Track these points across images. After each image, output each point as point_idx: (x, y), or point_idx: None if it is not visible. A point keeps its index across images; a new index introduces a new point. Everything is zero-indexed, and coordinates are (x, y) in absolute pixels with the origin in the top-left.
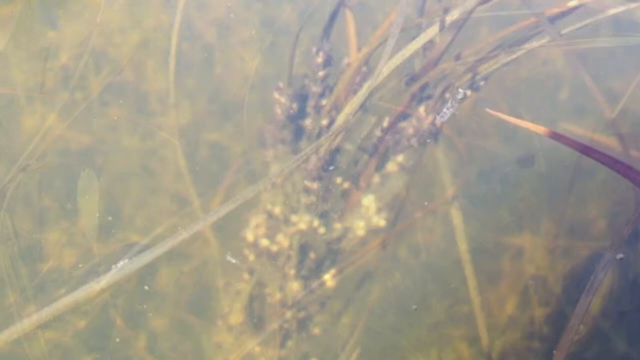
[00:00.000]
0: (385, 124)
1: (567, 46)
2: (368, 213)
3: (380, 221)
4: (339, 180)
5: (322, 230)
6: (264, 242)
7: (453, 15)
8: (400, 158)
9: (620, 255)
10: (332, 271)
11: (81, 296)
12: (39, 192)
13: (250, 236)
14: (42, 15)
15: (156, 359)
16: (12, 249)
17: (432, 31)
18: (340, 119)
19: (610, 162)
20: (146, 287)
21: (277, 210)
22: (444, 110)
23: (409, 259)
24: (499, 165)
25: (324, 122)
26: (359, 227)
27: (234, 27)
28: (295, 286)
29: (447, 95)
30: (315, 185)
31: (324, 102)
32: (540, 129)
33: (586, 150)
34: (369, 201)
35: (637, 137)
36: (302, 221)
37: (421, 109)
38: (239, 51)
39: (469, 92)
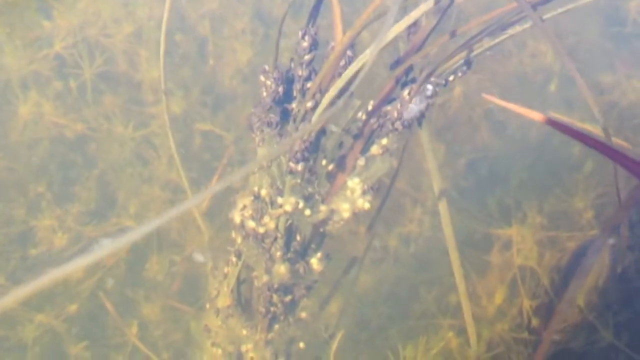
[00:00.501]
0: (369, 107)
1: (553, 34)
2: (353, 195)
3: (365, 204)
4: (324, 162)
5: (307, 212)
6: (251, 224)
7: (428, 3)
8: (384, 141)
9: (612, 241)
10: (319, 254)
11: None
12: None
13: (237, 218)
14: (36, 5)
15: (147, 345)
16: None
17: (416, 13)
18: (325, 102)
19: (605, 150)
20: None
21: (263, 192)
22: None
23: (399, 248)
24: (488, 157)
25: (309, 104)
26: (344, 210)
27: (227, 19)
28: (282, 269)
29: (433, 79)
30: (300, 167)
31: (309, 85)
32: (536, 115)
33: (581, 137)
34: (353, 184)
35: (622, 126)
36: (288, 203)
37: (405, 93)
38: (231, 43)
39: (451, 77)
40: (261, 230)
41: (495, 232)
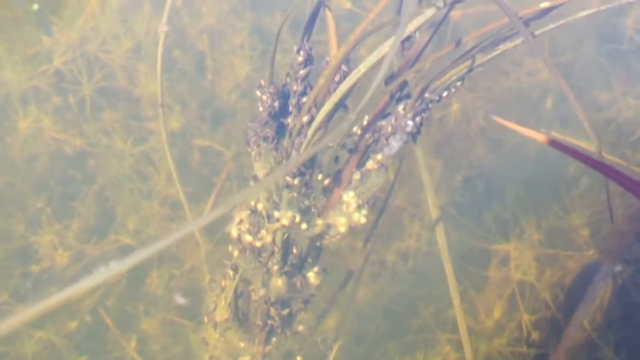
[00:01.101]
0: (364, 122)
1: (545, 50)
2: (349, 210)
3: (361, 218)
4: (320, 176)
5: (304, 226)
6: (248, 238)
7: (427, 15)
8: (379, 156)
9: (618, 268)
10: (316, 268)
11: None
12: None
13: (234, 232)
14: (37, 21)
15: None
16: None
17: (410, 28)
18: (320, 116)
19: (606, 171)
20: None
21: (260, 206)
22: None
23: (397, 263)
24: (485, 172)
25: (304, 119)
26: (341, 224)
27: (225, 34)
28: (279, 282)
29: (427, 95)
30: (296, 181)
31: (304, 99)
32: (542, 137)
33: (584, 158)
34: (349, 198)
35: (619, 143)
36: (285, 217)
37: (400, 108)
38: (230, 58)
39: (445, 93)
40: (258, 244)
41: (493, 248)
